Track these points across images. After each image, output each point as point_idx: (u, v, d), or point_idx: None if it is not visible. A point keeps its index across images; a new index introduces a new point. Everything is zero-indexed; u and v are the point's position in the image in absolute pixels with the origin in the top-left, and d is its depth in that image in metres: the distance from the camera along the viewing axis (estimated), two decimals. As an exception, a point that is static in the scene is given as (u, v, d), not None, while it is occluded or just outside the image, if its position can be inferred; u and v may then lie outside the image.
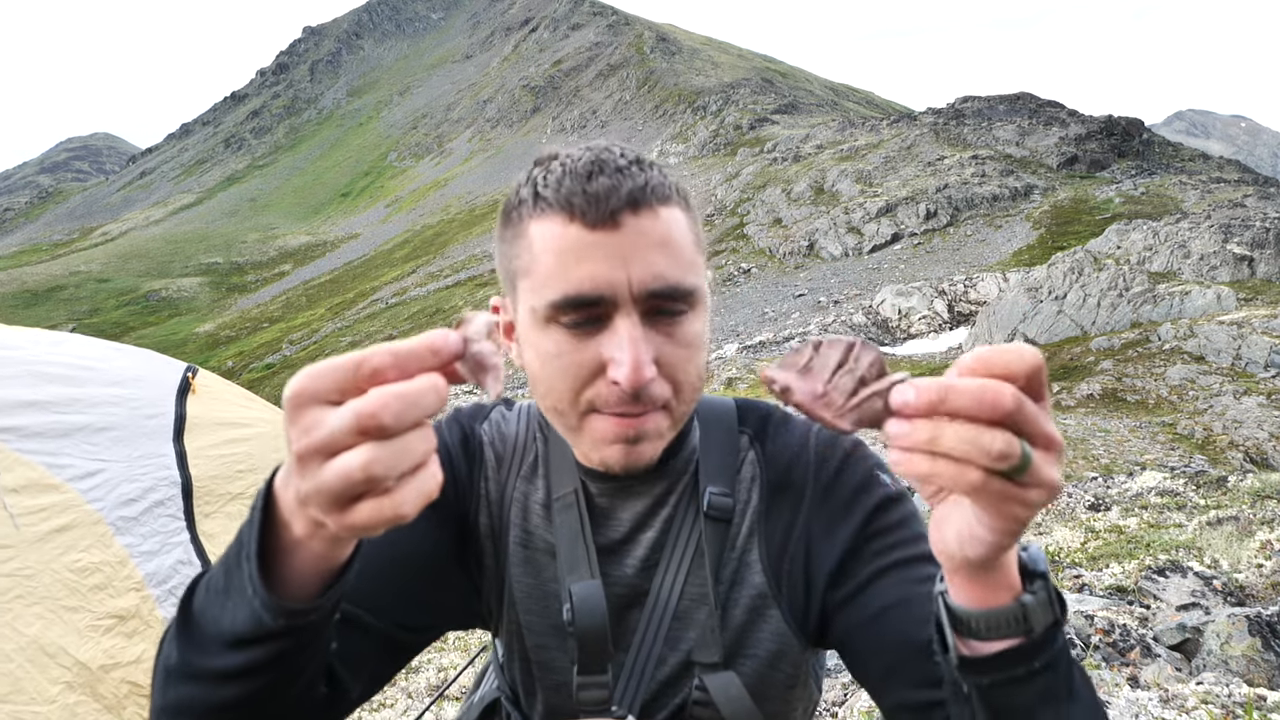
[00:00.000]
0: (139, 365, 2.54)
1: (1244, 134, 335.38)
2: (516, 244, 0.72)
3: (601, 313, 0.68)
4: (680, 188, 0.73)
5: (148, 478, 2.23)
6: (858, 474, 0.82)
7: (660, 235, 0.69)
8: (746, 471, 0.85)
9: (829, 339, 0.52)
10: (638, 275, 0.67)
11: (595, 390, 0.70)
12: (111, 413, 2.26)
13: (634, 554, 0.83)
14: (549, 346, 0.71)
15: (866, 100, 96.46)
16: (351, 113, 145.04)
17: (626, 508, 0.83)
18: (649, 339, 0.69)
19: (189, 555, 2.27)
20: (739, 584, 0.82)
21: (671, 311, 0.70)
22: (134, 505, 2.16)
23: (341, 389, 0.45)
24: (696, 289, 0.71)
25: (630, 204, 0.67)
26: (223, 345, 55.35)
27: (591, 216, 0.67)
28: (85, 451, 2.13)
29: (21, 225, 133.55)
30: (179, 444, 2.35)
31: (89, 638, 1.92)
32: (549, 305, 0.69)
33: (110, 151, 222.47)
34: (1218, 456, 10.31)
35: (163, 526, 2.22)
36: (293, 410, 0.46)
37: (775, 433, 0.87)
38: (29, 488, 1.96)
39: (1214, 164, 40.56)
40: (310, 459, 0.45)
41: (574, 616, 0.79)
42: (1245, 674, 2.62)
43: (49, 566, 1.91)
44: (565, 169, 0.69)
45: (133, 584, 2.08)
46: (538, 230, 0.69)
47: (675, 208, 0.71)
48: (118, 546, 2.08)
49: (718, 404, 0.89)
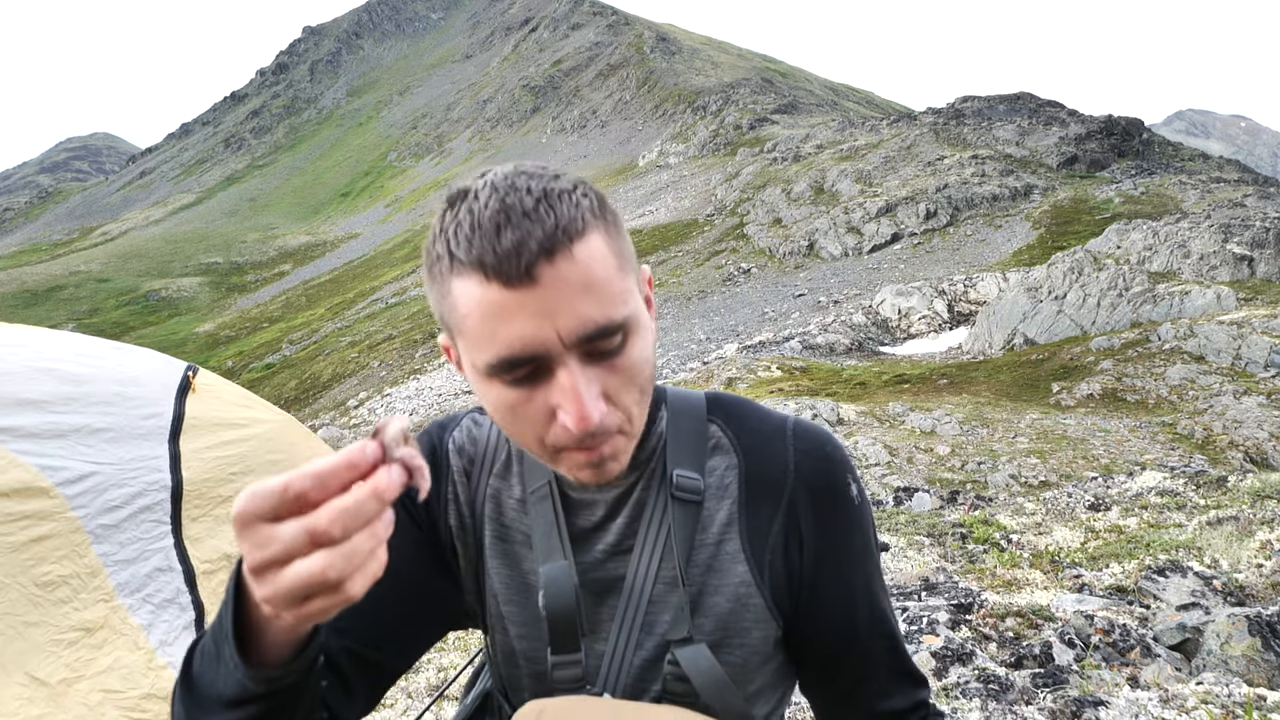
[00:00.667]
0: (139, 364, 2.53)
1: (1244, 134, 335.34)
2: (444, 301, 0.70)
3: (539, 366, 0.69)
4: (595, 203, 0.70)
5: (138, 481, 2.22)
6: (838, 477, 0.86)
7: (580, 279, 0.67)
8: (720, 459, 0.87)
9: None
10: (565, 326, 0.67)
11: (554, 433, 0.72)
12: (110, 412, 2.25)
13: (606, 540, 0.85)
14: (496, 397, 0.72)
15: (866, 100, 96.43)
16: (351, 113, 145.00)
17: (598, 497, 0.86)
18: (593, 378, 0.70)
19: (169, 561, 2.25)
20: (717, 570, 0.84)
21: (608, 348, 0.70)
22: (117, 512, 2.15)
23: (275, 510, 0.51)
24: (629, 318, 0.70)
25: (544, 253, 0.65)
26: (222, 345, 55.32)
27: (506, 275, 0.65)
28: (80, 453, 2.12)
29: (21, 225, 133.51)
30: (174, 445, 2.34)
31: (49, 652, 1.91)
32: (486, 366, 0.69)
33: (110, 151, 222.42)
34: (1218, 456, 10.31)
35: (145, 533, 2.21)
36: (241, 529, 0.52)
37: (746, 420, 0.89)
38: (19, 492, 1.96)
39: (1214, 164, 40.54)
40: (265, 570, 0.52)
41: (545, 600, 0.82)
42: (1245, 674, 2.62)
43: (16, 580, 1.91)
44: (474, 219, 0.66)
45: (102, 595, 2.07)
46: (459, 289, 0.68)
47: (591, 236, 0.68)
48: (92, 556, 2.07)
49: (687, 395, 0.91)
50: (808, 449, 0.86)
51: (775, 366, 18.86)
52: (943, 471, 9.94)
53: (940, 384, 16.15)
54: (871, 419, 12.93)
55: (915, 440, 11.58)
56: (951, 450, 10.88)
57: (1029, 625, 3.28)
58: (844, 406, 13.41)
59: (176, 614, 2.26)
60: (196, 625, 2.32)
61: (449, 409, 23.63)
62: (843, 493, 0.86)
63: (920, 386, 16.13)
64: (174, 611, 2.25)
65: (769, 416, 0.89)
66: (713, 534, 0.84)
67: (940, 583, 4.04)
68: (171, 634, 2.22)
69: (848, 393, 15.94)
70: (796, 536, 0.84)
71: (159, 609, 2.21)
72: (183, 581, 2.30)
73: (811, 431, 0.88)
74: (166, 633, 2.20)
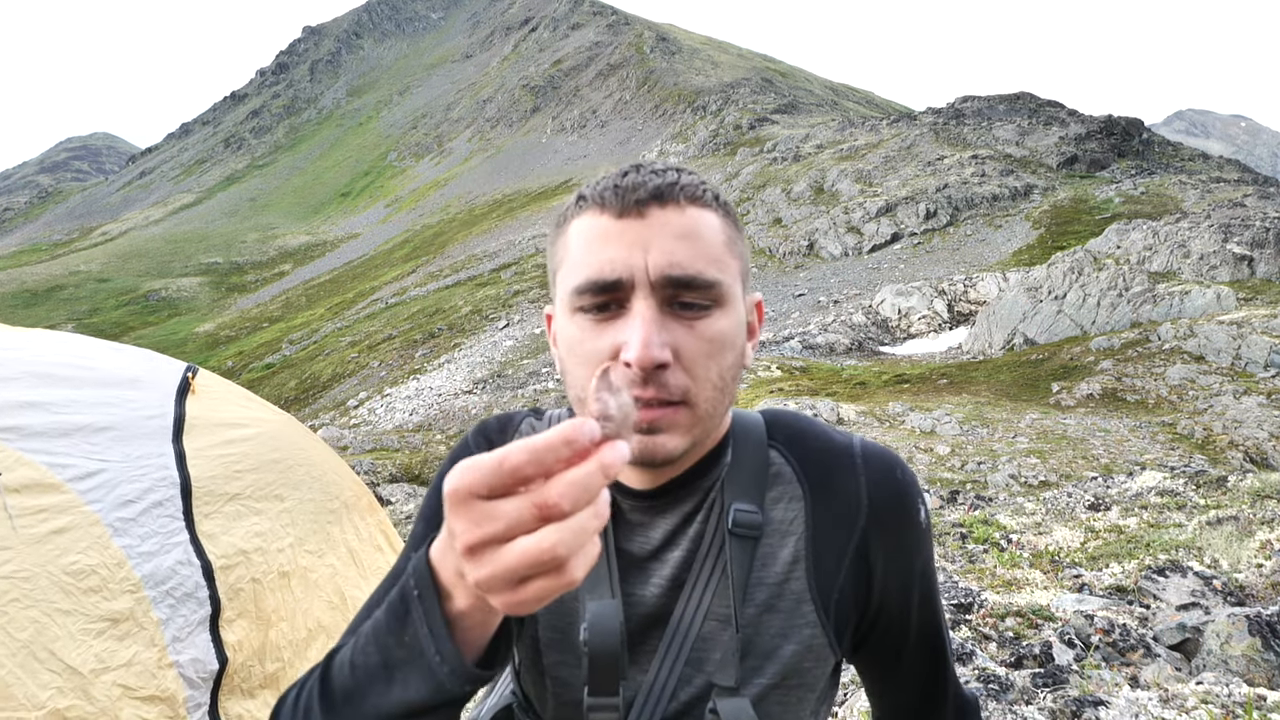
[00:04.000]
0: (138, 365, 2.54)
1: (1244, 133, 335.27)
2: (558, 243, 0.77)
3: (620, 297, 0.70)
4: (723, 198, 0.76)
5: (147, 478, 2.23)
6: (910, 505, 0.84)
7: (684, 227, 0.71)
8: (782, 489, 0.83)
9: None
10: (655, 260, 0.69)
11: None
12: (111, 412, 2.26)
13: (660, 573, 0.82)
14: (573, 333, 0.73)
15: (866, 100, 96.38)
16: (351, 112, 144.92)
17: (656, 525, 0.82)
18: (666, 326, 0.70)
19: (188, 555, 2.27)
20: (780, 611, 0.80)
21: (693, 304, 0.71)
22: (132, 506, 2.16)
23: (491, 486, 0.49)
24: (719, 283, 0.72)
25: (656, 196, 0.71)
26: (222, 345, 55.29)
27: (618, 207, 0.71)
28: (86, 451, 2.13)
29: (21, 225, 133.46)
30: (178, 444, 2.35)
31: (81, 641, 1.92)
32: (572, 291, 0.72)
33: (110, 151, 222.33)
34: (1217, 456, 10.31)
35: (161, 527, 2.22)
36: (456, 505, 0.50)
37: (810, 446, 0.85)
38: (30, 488, 1.96)
39: (1214, 164, 40.52)
40: (484, 548, 0.49)
41: (588, 636, 0.79)
42: (1245, 674, 2.62)
43: (45, 569, 1.91)
44: (607, 177, 0.74)
45: (129, 586, 2.08)
46: (575, 226, 0.74)
47: (708, 210, 0.74)
48: (115, 548, 2.08)
49: (747, 418, 0.88)
50: (879, 479, 0.82)
51: (775, 366, 18.86)
52: (942, 471, 9.94)
53: (940, 384, 16.15)
54: (871, 419, 12.92)
55: (915, 440, 11.57)
56: (951, 450, 10.88)
57: (1029, 625, 3.28)
58: (844, 406, 13.41)
59: (194, 608, 2.28)
60: (211, 621, 2.33)
61: (449, 409, 23.62)
62: (913, 519, 0.83)
63: (920, 386, 16.13)
64: (191, 606, 2.27)
65: (833, 441, 0.85)
66: (775, 572, 0.80)
67: (940, 583, 4.03)
68: (185, 630, 2.23)
69: (848, 393, 15.94)
70: (866, 569, 0.82)
71: (179, 603, 2.23)
72: (201, 576, 2.32)
73: (881, 455, 0.84)
74: (181, 628, 2.21)
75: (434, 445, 16.42)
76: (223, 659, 2.32)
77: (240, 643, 2.41)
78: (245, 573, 2.46)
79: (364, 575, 3.12)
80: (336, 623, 2.86)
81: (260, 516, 2.58)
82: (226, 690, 2.38)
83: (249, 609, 2.46)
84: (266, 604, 2.52)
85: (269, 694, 2.50)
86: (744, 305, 0.77)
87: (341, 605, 2.91)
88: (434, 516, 0.87)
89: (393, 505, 9.06)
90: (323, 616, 2.78)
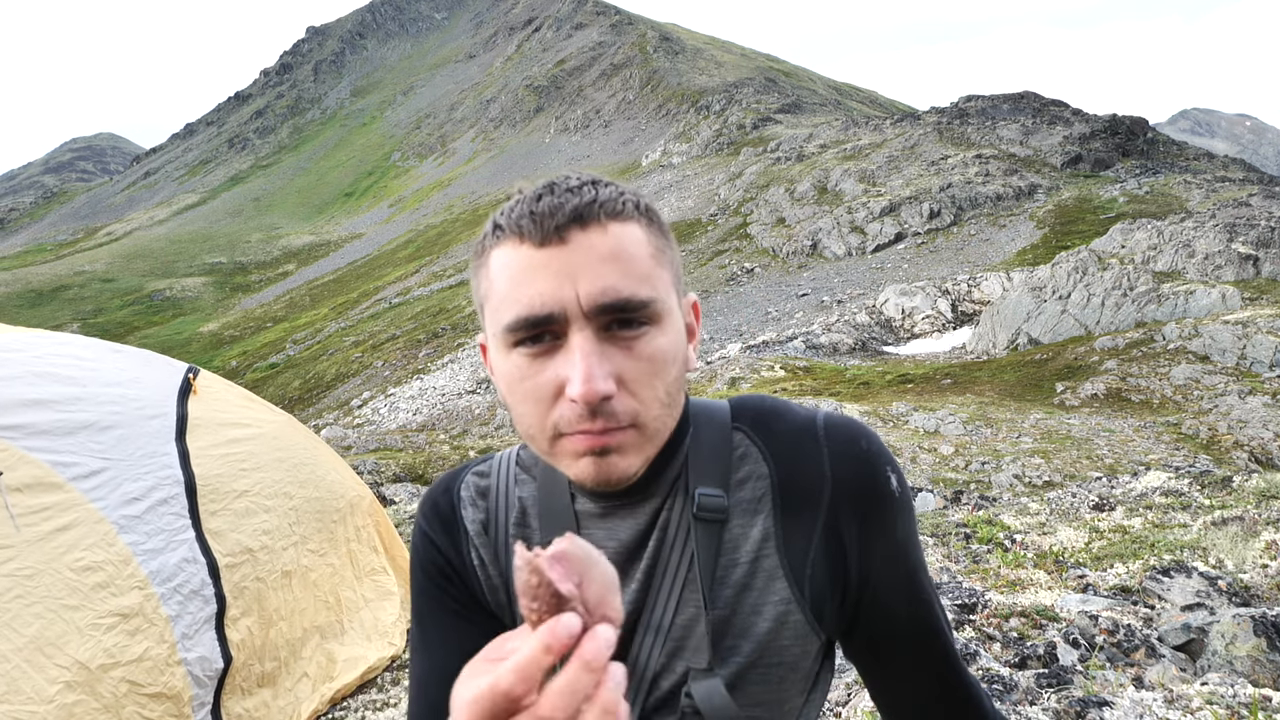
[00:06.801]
0: (139, 366, 2.55)
1: (1249, 133, 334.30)
2: (480, 274, 0.74)
3: (556, 330, 0.69)
4: (643, 205, 0.74)
5: (151, 476, 2.24)
6: (877, 473, 0.81)
7: (609, 249, 0.69)
8: (748, 469, 0.82)
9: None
10: (585, 290, 0.67)
11: (559, 412, 0.70)
12: (115, 411, 2.26)
13: (634, 570, 0.82)
14: (511, 370, 0.72)
15: (870, 100, 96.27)
16: (355, 112, 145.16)
17: (620, 530, 0.82)
18: (606, 354, 0.69)
19: (194, 553, 2.28)
20: (754, 589, 0.80)
21: (629, 325, 0.70)
22: (137, 504, 2.17)
23: (493, 715, 0.48)
24: (653, 300, 0.70)
25: (576, 219, 0.68)
26: (226, 345, 55.43)
27: (539, 235, 0.68)
28: (90, 450, 2.14)
29: (26, 225, 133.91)
30: (181, 443, 2.36)
31: (90, 636, 1.93)
32: (504, 329, 0.70)
33: (114, 151, 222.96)
34: (1223, 456, 10.28)
35: (167, 524, 2.23)
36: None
37: (773, 423, 0.84)
38: (33, 487, 1.97)
39: (1219, 163, 40.41)
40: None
41: None
42: (1250, 674, 2.61)
43: (50, 566, 1.92)
44: (521, 198, 0.72)
45: (136, 582, 2.09)
46: (495, 258, 0.71)
47: (631, 223, 0.71)
48: (121, 545, 2.08)
49: (710, 405, 0.87)
50: (842, 448, 0.81)
51: (779, 366, 18.86)
52: (946, 471, 9.92)
53: (944, 384, 16.13)
54: (875, 419, 12.91)
55: (919, 440, 11.56)
56: (955, 450, 10.86)
57: (1033, 625, 3.27)
58: (847, 406, 13.40)
59: (200, 606, 2.28)
60: (217, 619, 2.33)
61: (452, 409, 23.64)
62: (883, 489, 0.81)
63: (924, 386, 16.11)
64: (198, 603, 2.28)
65: (796, 415, 0.85)
66: (746, 552, 0.80)
67: (944, 583, 4.03)
68: (194, 627, 2.24)
69: (851, 393, 15.92)
70: (838, 543, 0.80)
71: (187, 599, 2.24)
72: (207, 573, 2.33)
73: (843, 427, 0.83)
74: (190, 625, 2.22)
75: (437, 445, 16.44)
76: (227, 658, 2.33)
77: (243, 641, 2.41)
78: (250, 571, 2.47)
79: (359, 576, 3.13)
80: (330, 624, 2.87)
81: (269, 514, 2.59)
82: (229, 689, 2.38)
83: (253, 607, 2.47)
84: (269, 603, 2.52)
85: (267, 693, 2.51)
86: (680, 310, 0.76)
87: (336, 606, 2.92)
88: (424, 616, 0.88)
89: (396, 505, 9.10)
90: (317, 617, 2.79)
